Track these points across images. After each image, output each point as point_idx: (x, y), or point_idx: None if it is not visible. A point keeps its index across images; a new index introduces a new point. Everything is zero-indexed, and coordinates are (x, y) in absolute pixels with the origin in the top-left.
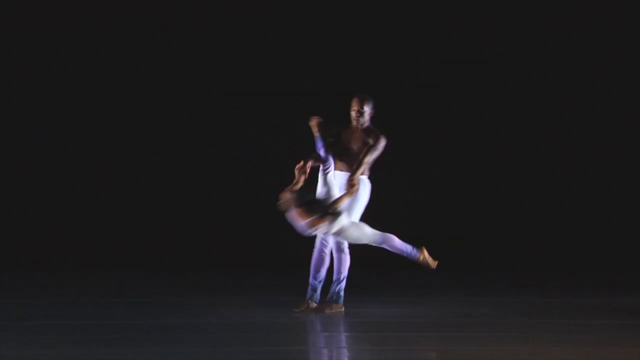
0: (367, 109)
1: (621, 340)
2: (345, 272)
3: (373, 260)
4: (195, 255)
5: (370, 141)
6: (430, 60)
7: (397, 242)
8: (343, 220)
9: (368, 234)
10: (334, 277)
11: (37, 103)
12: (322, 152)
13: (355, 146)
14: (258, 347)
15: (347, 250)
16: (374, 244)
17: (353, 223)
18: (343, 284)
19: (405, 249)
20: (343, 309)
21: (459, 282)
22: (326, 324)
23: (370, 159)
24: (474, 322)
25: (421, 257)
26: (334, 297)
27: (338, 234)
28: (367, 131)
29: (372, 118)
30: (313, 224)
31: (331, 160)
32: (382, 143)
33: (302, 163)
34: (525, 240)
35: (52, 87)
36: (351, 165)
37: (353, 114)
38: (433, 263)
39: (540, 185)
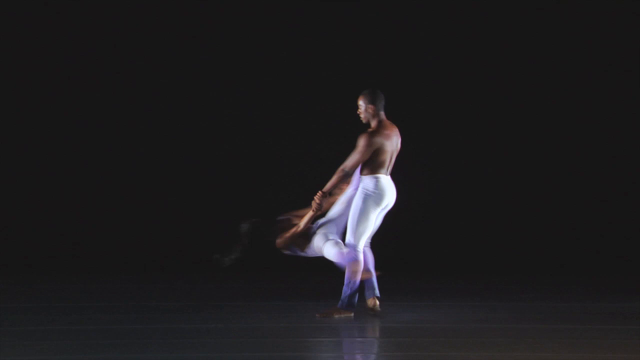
0: (362, 104)
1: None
2: (355, 277)
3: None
4: (195, 255)
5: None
6: (430, 60)
7: (354, 272)
8: (315, 241)
9: (337, 254)
10: (345, 282)
11: (37, 103)
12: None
13: None
14: (262, 353)
15: (359, 256)
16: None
17: (329, 240)
18: (354, 288)
19: (351, 283)
20: (352, 315)
21: (459, 283)
22: (336, 329)
23: (349, 164)
24: (489, 328)
25: (338, 314)
26: (343, 301)
27: (312, 252)
28: None
29: (375, 114)
30: (282, 245)
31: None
32: (360, 144)
33: (320, 195)
34: (525, 241)
35: (52, 88)
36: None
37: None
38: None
39: (539, 185)
